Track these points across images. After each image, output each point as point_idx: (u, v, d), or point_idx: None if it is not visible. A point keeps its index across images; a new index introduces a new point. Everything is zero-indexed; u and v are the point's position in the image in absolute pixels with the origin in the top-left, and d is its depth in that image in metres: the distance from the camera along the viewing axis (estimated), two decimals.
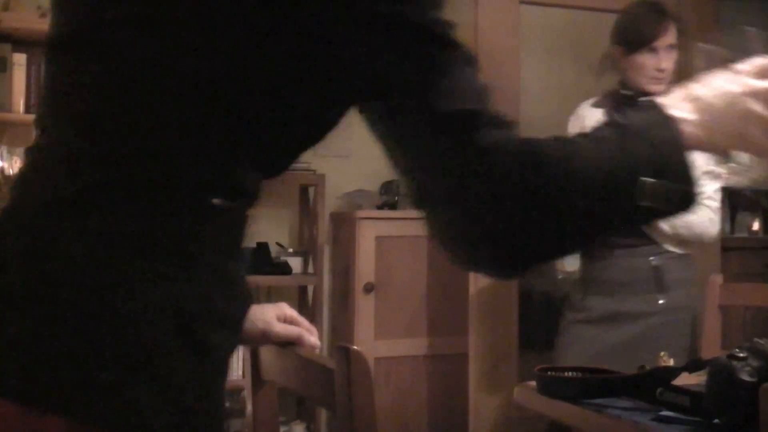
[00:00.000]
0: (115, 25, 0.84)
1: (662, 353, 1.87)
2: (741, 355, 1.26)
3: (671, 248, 2.59)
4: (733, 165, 1.40)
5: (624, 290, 2.59)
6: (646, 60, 2.50)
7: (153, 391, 0.79)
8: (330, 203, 4.14)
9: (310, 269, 4.06)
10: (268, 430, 1.34)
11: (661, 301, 2.59)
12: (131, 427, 0.78)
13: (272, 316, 1.28)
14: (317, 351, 1.29)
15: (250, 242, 4.08)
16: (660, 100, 0.88)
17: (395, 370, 3.88)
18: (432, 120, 0.85)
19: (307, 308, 4.17)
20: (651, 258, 2.59)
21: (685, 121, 0.85)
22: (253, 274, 3.94)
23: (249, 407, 1.38)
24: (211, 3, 0.83)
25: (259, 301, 4.33)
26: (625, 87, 2.58)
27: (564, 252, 0.92)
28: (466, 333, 3.33)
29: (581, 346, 2.57)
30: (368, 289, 3.85)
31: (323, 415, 3.97)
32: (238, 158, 0.89)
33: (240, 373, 3.81)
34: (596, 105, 2.65)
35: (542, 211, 0.83)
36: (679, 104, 0.87)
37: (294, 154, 1.01)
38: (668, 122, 0.85)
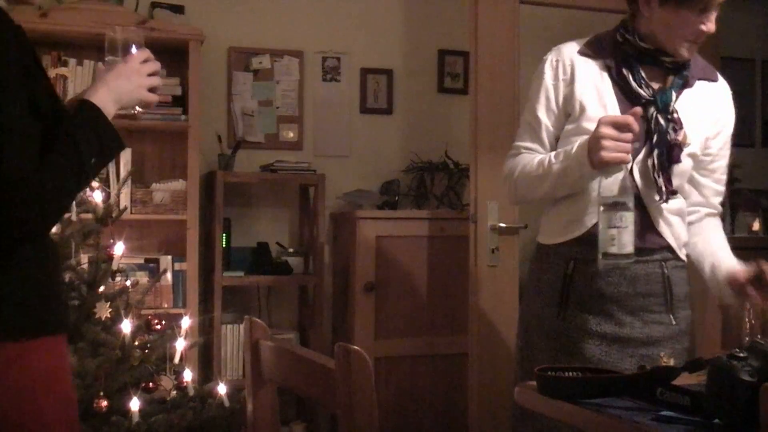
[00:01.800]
0: None
1: (662, 353, 1.86)
2: (741, 355, 1.26)
3: (680, 254, 2.04)
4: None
5: (623, 308, 1.97)
6: (692, 20, 1.88)
7: None
8: (330, 203, 4.15)
9: (311, 269, 4.06)
10: (268, 430, 1.34)
11: (674, 323, 2.01)
12: None
13: None
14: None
15: (250, 242, 4.09)
16: (87, 95, 1.51)
17: (395, 370, 3.88)
18: None
19: (307, 308, 4.17)
20: (663, 265, 2.01)
21: (104, 105, 1.51)
22: (254, 273, 3.95)
23: (249, 407, 1.38)
24: None
25: (258, 302, 4.27)
26: (638, 37, 1.97)
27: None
28: (466, 333, 3.33)
29: None
30: (368, 288, 3.85)
31: (323, 415, 3.97)
32: None
33: (240, 373, 3.81)
34: (586, 54, 2.03)
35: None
36: (98, 94, 1.53)
37: None
38: (95, 110, 1.50)
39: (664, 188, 1.92)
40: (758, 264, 1.84)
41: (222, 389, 2.98)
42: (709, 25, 1.90)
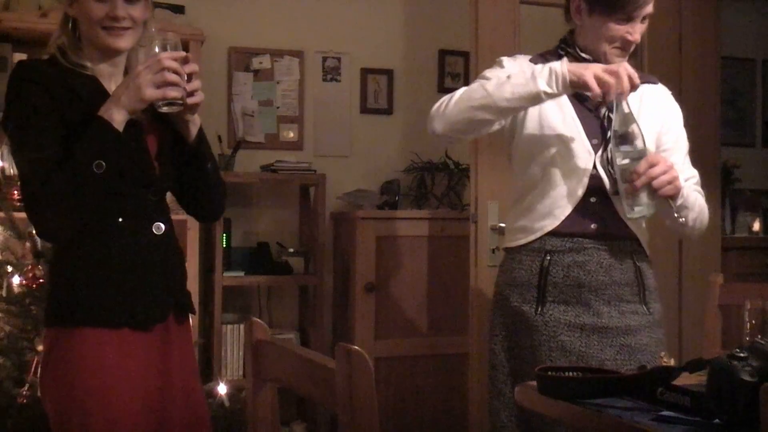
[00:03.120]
0: None
1: (662, 353, 1.86)
2: (741, 355, 1.26)
3: (646, 248, 2.13)
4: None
5: (600, 297, 2.03)
6: (617, 28, 2.01)
7: None
8: (330, 203, 4.15)
9: (311, 269, 4.06)
10: (268, 430, 1.34)
11: (648, 313, 2.08)
12: None
13: None
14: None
15: (250, 242, 4.09)
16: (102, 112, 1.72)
17: (395, 370, 3.88)
18: None
19: (307, 308, 4.17)
20: (634, 256, 2.09)
21: (106, 113, 1.71)
22: (254, 274, 3.95)
23: (249, 407, 1.38)
24: None
25: (259, 302, 4.28)
26: (579, 49, 2.09)
27: None
28: (466, 333, 3.32)
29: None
30: (368, 288, 3.85)
31: (323, 415, 3.97)
32: None
33: (240, 373, 3.81)
34: (536, 63, 2.08)
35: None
36: (104, 105, 1.72)
37: None
38: (97, 121, 1.70)
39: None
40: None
41: (222, 389, 2.98)
42: (635, 36, 2.02)
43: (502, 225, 3.16)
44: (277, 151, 4.18)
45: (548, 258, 2.04)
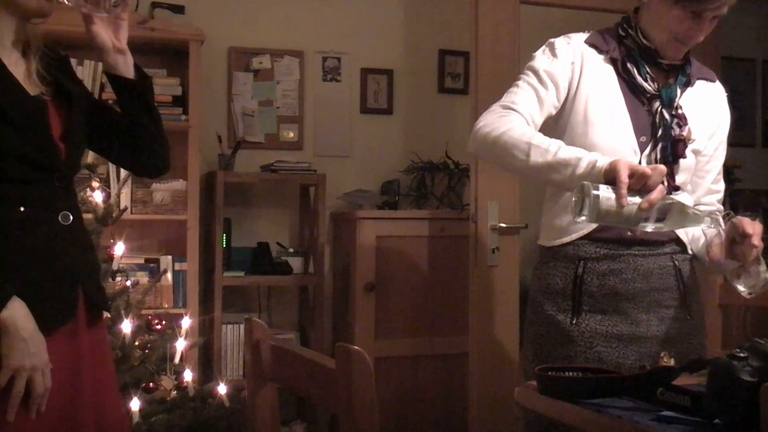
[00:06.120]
0: None
1: (662, 353, 1.85)
2: (741, 355, 1.26)
3: (688, 247, 2.02)
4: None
5: (638, 305, 1.94)
6: (682, 20, 1.88)
7: None
8: (330, 203, 4.15)
9: (311, 269, 4.06)
10: (268, 430, 1.34)
11: (689, 318, 1.99)
12: None
13: None
14: None
15: (250, 242, 4.09)
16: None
17: (395, 370, 3.88)
18: None
19: (307, 308, 4.18)
20: (674, 257, 1.99)
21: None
22: (254, 273, 3.95)
23: (249, 407, 1.38)
24: None
25: (259, 302, 4.26)
26: (641, 33, 1.96)
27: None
28: (466, 333, 3.33)
29: None
30: (368, 288, 3.85)
31: (323, 415, 3.97)
32: None
33: (240, 373, 3.81)
34: (592, 45, 2.01)
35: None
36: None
37: None
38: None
39: (666, 183, 1.85)
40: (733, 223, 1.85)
41: (222, 389, 2.98)
42: (698, 34, 1.90)
43: (502, 225, 3.16)
44: (277, 151, 4.19)
45: (582, 265, 1.94)
